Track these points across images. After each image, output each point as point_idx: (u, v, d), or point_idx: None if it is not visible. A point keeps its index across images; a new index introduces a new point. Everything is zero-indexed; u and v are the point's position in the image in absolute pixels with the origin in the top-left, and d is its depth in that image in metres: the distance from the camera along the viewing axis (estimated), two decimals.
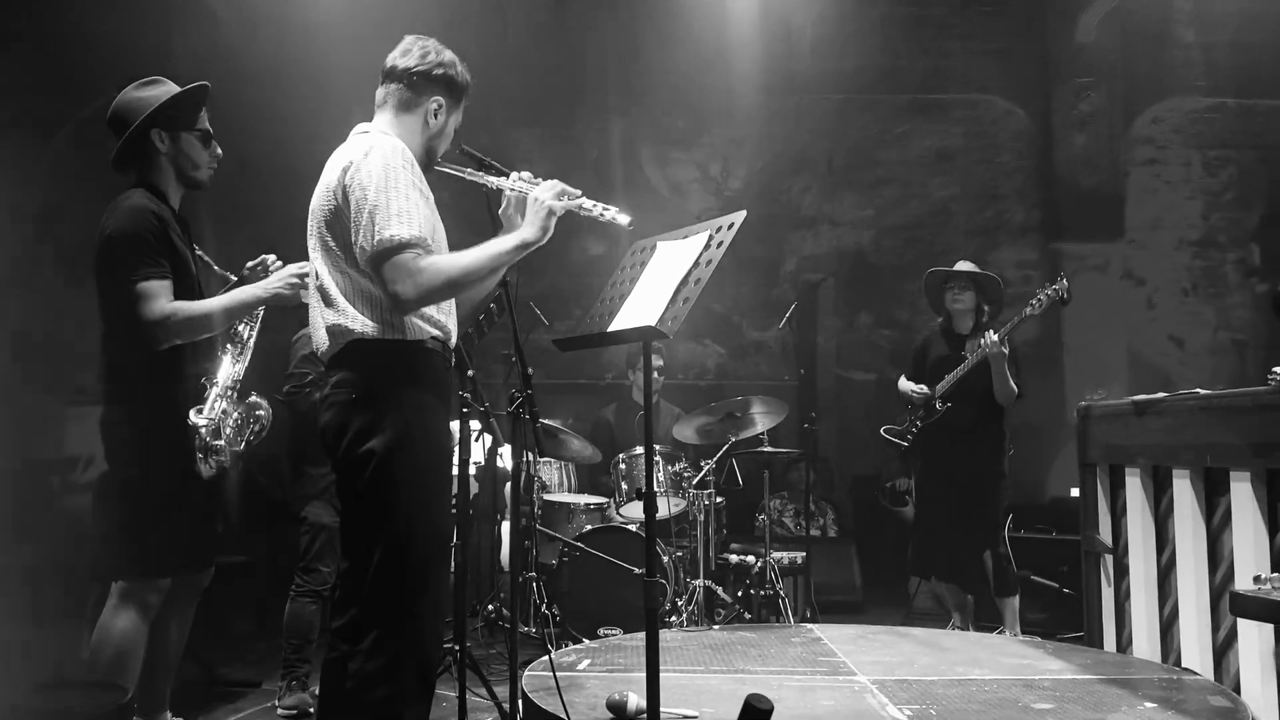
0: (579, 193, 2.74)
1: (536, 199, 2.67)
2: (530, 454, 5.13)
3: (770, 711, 1.91)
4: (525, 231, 2.65)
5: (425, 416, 2.56)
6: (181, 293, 3.05)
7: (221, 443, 3.11)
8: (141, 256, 2.97)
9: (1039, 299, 4.65)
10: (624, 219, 2.72)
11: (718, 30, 7.67)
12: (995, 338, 4.62)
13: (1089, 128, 8.02)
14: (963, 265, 5.08)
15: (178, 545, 3.05)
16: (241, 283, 3.31)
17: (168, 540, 3.02)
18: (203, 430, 3.05)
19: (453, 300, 2.75)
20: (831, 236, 8.25)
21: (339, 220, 2.55)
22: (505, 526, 5.72)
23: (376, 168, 2.50)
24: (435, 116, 2.76)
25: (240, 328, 3.31)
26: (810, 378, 7.91)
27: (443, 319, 2.66)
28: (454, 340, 2.75)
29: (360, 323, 2.52)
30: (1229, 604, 2.39)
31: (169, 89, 3.14)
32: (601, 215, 2.72)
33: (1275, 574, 2.16)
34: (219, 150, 3.26)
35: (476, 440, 5.57)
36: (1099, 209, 8.00)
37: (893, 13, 8.12)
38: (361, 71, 2.91)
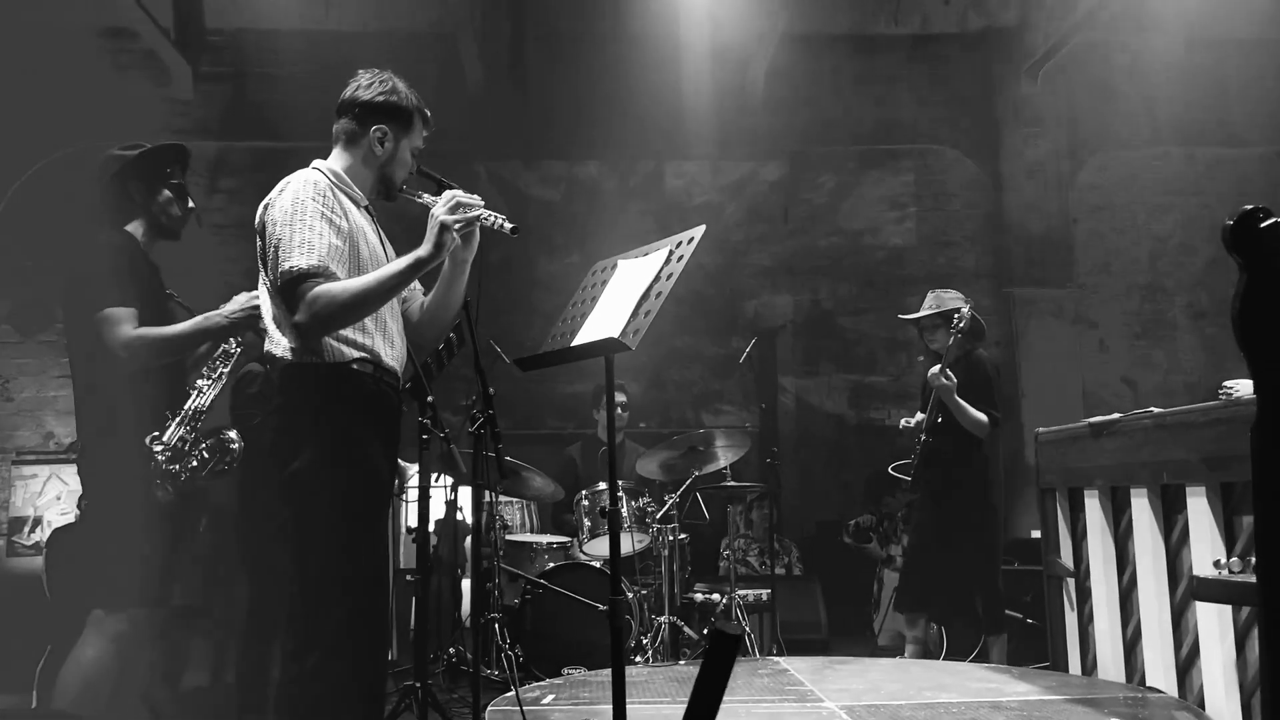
0: (479, 201, 2.74)
1: (433, 215, 2.69)
2: (493, 493, 5.09)
3: (739, 638, 1.88)
4: (420, 249, 2.67)
5: (349, 436, 2.60)
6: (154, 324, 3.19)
7: (176, 468, 3.12)
8: (105, 286, 3.10)
9: (957, 325, 4.65)
10: (508, 225, 2.73)
11: (672, 83, 7.82)
12: (935, 371, 4.61)
13: (1037, 176, 8.23)
14: (928, 300, 5.06)
15: (147, 575, 3.06)
16: None
17: (137, 569, 3.04)
18: (159, 455, 3.06)
19: (386, 321, 2.77)
20: (788, 285, 8.34)
21: (265, 255, 2.65)
22: (466, 583, 5.65)
23: (286, 202, 2.61)
24: (381, 145, 2.82)
25: (217, 361, 3.41)
26: (771, 424, 7.94)
27: (366, 340, 2.68)
28: (390, 361, 2.75)
29: (283, 348, 2.61)
30: (1192, 590, 2.40)
31: (146, 150, 3.34)
32: (494, 226, 2.73)
33: (1234, 559, 2.19)
34: (192, 204, 3.44)
35: (436, 482, 5.51)
36: (1049, 255, 8.17)
37: (843, 65, 8.33)
38: (323, 118, 2.95)
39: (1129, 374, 8.27)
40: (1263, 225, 1.27)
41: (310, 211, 2.58)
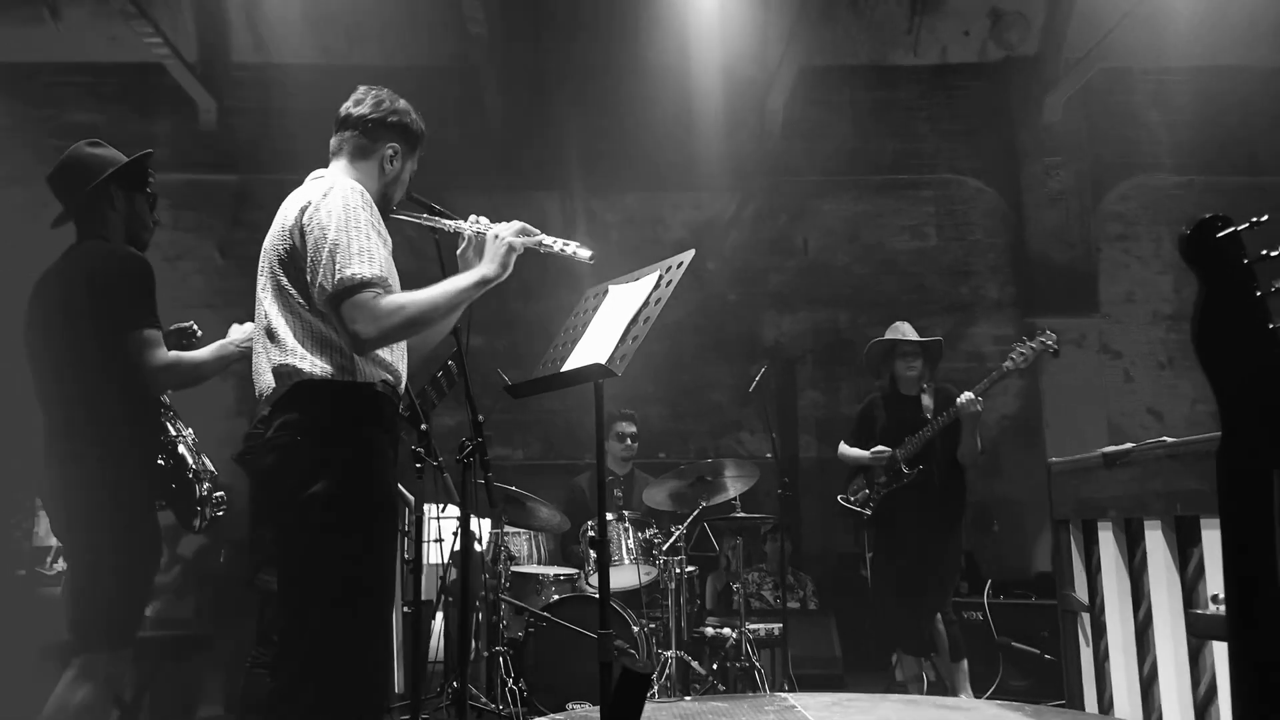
0: (539, 232, 2.76)
1: (497, 235, 2.68)
2: (499, 526, 5.05)
3: (649, 677, 1.82)
4: (485, 267, 2.64)
5: (373, 460, 2.49)
6: None
7: (221, 494, 3.09)
8: (143, 303, 2.94)
9: (1022, 353, 4.59)
10: (585, 253, 2.72)
11: (692, 114, 7.83)
12: (972, 396, 4.56)
13: (1059, 205, 8.14)
14: (903, 327, 5.04)
15: (134, 611, 2.95)
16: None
17: (141, 606, 2.97)
18: (206, 484, 3.06)
19: (404, 343, 2.72)
20: (808, 315, 8.28)
21: (294, 260, 2.51)
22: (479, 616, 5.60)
23: (337, 207, 2.49)
24: (391, 163, 2.77)
25: None
26: (792, 454, 7.84)
27: (394, 361, 2.61)
28: (404, 384, 2.71)
29: (309, 363, 2.45)
30: (1187, 626, 2.31)
31: (116, 152, 3.16)
32: (563, 250, 2.73)
33: None
34: (158, 220, 3.29)
35: (443, 512, 5.47)
36: (1073, 284, 8.07)
37: (861, 96, 8.31)
38: None
39: (1154, 404, 8.12)
40: (1220, 235, 1.21)
41: (364, 220, 2.49)
